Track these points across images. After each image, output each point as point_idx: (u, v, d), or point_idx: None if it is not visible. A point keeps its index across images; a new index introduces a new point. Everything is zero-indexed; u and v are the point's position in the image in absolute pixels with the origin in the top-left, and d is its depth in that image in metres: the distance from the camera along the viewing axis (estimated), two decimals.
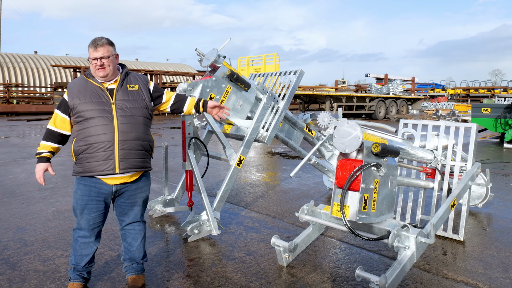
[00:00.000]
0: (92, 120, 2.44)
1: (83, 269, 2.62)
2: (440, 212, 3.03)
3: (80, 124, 2.47)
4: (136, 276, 2.73)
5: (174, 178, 5.98)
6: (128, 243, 2.71)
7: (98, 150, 2.44)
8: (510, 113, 10.70)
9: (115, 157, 2.46)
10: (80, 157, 2.48)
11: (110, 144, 2.44)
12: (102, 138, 2.43)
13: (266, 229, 3.89)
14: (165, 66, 37.00)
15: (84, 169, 2.48)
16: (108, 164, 2.45)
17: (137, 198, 2.65)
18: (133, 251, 2.71)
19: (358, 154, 2.74)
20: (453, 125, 3.82)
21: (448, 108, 27.34)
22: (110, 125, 2.45)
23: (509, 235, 3.77)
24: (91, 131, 2.43)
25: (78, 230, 2.59)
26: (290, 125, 4.56)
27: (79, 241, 2.58)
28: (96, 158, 2.45)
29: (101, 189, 2.52)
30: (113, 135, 2.45)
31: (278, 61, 15.47)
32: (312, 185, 5.78)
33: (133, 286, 2.68)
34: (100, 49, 2.46)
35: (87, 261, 2.61)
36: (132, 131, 2.50)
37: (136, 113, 2.54)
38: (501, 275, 2.95)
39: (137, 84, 2.62)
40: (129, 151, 2.50)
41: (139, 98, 2.58)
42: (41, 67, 31.19)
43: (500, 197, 5.20)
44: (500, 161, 8.19)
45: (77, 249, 2.59)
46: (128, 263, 2.73)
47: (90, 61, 2.50)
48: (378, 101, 21.45)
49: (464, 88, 44.72)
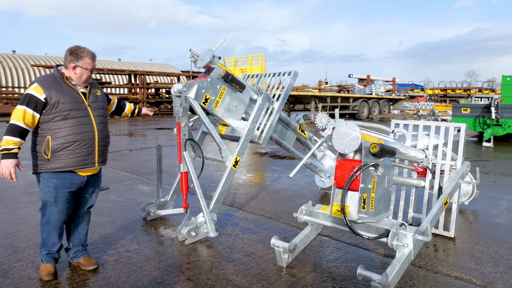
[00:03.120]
0: (74, 120, 2.70)
1: (56, 253, 2.90)
2: (434, 210, 3.11)
3: (59, 122, 2.67)
4: (87, 257, 3.08)
5: (165, 180, 5.93)
6: (81, 228, 3.06)
7: (82, 146, 2.74)
8: (488, 113, 11.06)
9: (95, 152, 2.83)
10: (58, 154, 2.68)
11: (92, 142, 2.80)
12: (85, 136, 2.75)
13: (262, 230, 3.90)
14: (149, 66, 36.51)
15: (64, 164, 2.70)
16: (89, 159, 2.80)
17: (97, 186, 3.06)
18: (83, 236, 3.07)
19: (355, 154, 2.79)
20: (443, 125, 3.93)
21: (428, 108, 27.97)
22: (90, 124, 2.79)
23: (496, 231, 3.90)
24: (74, 130, 2.70)
25: (49, 223, 2.81)
26: (284, 126, 4.60)
27: (51, 233, 2.83)
28: (80, 154, 2.74)
29: (74, 180, 2.80)
30: (94, 133, 2.81)
31: (264, 61, 15.54)
32: (303, 185, 5.83)
33: (91, 264, 3.02)
34: (95, 60, 2.83)
35: (59, 247, 2.90)
36: (104, 129, 2.93)
37: (103, 114, 2.94)
38: (492, 269, 3.05)
39: (98, 90, 3.00)
40: (104, 147, 2.92)
41: (102, 101, 2.97)
42: (19, 66, 30.29)
43: (484, 194, 5.36)
44: (480, 159, 8.45)
45: (49, 239, 2.83)
46: (78, 248, 3.06)
47: (83, 69, 2.75)
48: (361, 101, 21.77)
49: (442, 88, 45.92)
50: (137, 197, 5.08)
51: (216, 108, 3.82)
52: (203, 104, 3.71)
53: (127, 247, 3.46)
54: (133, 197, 5.11)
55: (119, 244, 3.52)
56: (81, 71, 2.75)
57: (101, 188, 5.45)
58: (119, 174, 6.52)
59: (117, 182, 5.92)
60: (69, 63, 2.74)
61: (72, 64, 2.73)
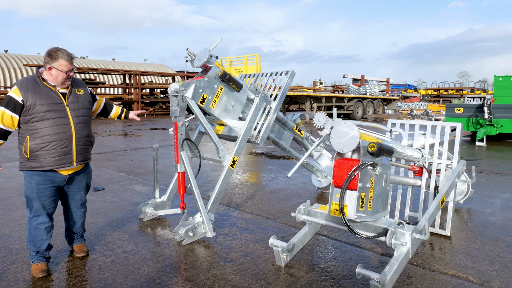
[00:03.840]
0: (50, 120, 2.75)
1: (45, 251, 2.96)
2: (431, 209, 3.13)
3: (36, 123, 2.73)
4: (81, 244, 3.25)
5: (161, 180, 5.90)
6: (74, 222, 3.17)
7: (58, 146, 2.79)
8: (481, 113, 11.16)
9: (73, 152, 2.88)
10: (37, 154, 2.76)
11: (69, 142, 2.84)
12: (61, 136, 2.80)
13: (260, 229, 3.90)
14: (143, 66, 36.29)
15: (42, 164, 2.78)
16: (67, 159, 2.85)
17: (83, 183, 3.11)
18: (77, 227, 3.21)
19: (354, 153, 2.80)
20: (439, 124, 3.96)
21: (422, 108, 28.16)
22: (68, 125, 2.83)
23: (491, 229, 3.94)
24: (50, 130, 2.75)
25: (36, 217, 2.89)
26: (281, 126, 4.60)
27: (38, 228, 2.89)
28: (56, 154, 2.79)
29: (55, 178, 2.89)
30: (71, 133, 2.85)
31: (259, 62, 15.53)
32: (300, 184, 5.84)
33: (81, 251, 3.20)
34: (73, 63, 2.85)
35: (47, 244, 2.95)
36: (84, 129, 2.95)
37: (84, 114, 2.97)
38: (489, 267, 3.08)
39: (82, 89, 3.01)
40: (83, 147, 2.95)
41: (85, 101, 3.00)
42: (12, 66, 29.98)
43: (478, 192, 5.41)
44: (474, 159, 8.52)
45: (37, 235, 2.90)
46: (72, 236, 3.22)
47: (59, 71, 2.77)
48: (356, 101, 21.86)
49: (435, 89, 46.32)
50: (133, 198, 5.05)
51: (213, 108, 3.81)
52: (200, 104, 3.70)
53: (124, 248, 3.44)
54: (129, 197, 5.08)
55: (116, 245, 3.50)
56: (56, 72, 2.78)
57: (97, 189, 5.42)
58: (114, 175, 6.48)
59: (113, 183, 5.89)
60: (46, 64, 2.80)
61: (48, 65, 2.78)
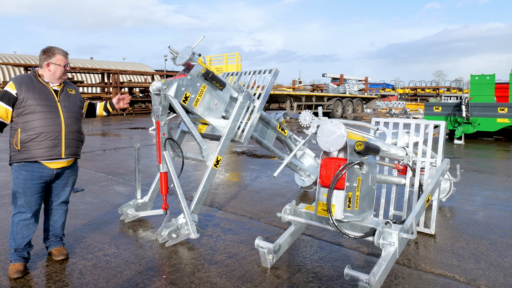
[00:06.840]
0: (41, 113, 2.85)
1: (24, 250, 2.95)
2: (417, 208, 3.13)
3: (27, 116, 2.83)
4: (60, 247, 3.21)
5: (142, 180, 5.73)
6: (54, 221, 3.16)
7: (47, 138, 2.87)
8: (459, 111, 11.41)
9: (62, 144, 2.94)
10: (27, 145, 2.83)
11: (58, 134, 2.92)
12: (51, 128, 2.88)
13: (244, 230, 3.83)
14: (122, 65, 35.56)
15: (31, 155, 2.84)
16: (56, 150, 2.91)
17: (70, 180, 3.15)
18: (57, 228, 3.18)
19: (340, 152, 2.77)
20: (423, 123, 3.98)
21: (400, 107, 28.67)
22: (58, 118, 2.93)
23: (474, 227, 3.99)
24: (41, 122, 2.84)
25: (19, 214, 2.90)
26: (264, 125, 4.53)
27: (20, 224, 2.91)
28: (45, 145, 2.86)
29: (43, 173, 2.91)
30: (61, 126, 2.94)
31: (240, 60, 15.42)
32: (282, 184, 5.79)
33: (60, 254, 3.15)
34: (67, 58, 3.03)
35: (27, 242, 2.94)
36: (74, 124, 3.04)
37: (75, 110, 3.09)
38: (474, 266, 3.10)
39: (74, 89, 3.17)
40: (72, 140, 3.01)
41: (76, 100, 3.13)
42: None
43: (460, 190, 5.50)
44: (453, 157, 8.69)
45: (19, 232, 2.91)
46: (52, 238, 3.19)
47: (57, 65, 2.95)
48: (335, 100, 22.04)
49: (412, 88, 47.24)
50: (114, 199, 4.90)
51: (196, 107, 3.72)
52: (183, 103, 3.60)
53: (105, 250, 3.31)
54: (110, 198, 4.92)
55: (96, 248, 3.36)
56: (54, 67, 2.95)
57: (76, 190, 5.23)
58: (94, 175, 6.27)
59: (92, 183, 5.70)
60: (43, 61, 2.95)
61: (46, 62, 2.94)
